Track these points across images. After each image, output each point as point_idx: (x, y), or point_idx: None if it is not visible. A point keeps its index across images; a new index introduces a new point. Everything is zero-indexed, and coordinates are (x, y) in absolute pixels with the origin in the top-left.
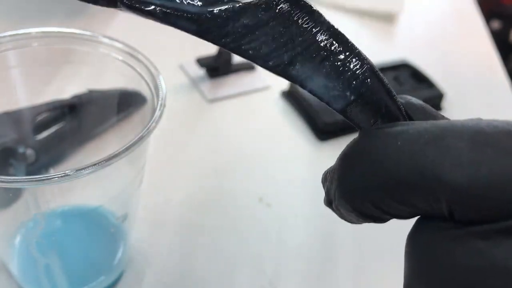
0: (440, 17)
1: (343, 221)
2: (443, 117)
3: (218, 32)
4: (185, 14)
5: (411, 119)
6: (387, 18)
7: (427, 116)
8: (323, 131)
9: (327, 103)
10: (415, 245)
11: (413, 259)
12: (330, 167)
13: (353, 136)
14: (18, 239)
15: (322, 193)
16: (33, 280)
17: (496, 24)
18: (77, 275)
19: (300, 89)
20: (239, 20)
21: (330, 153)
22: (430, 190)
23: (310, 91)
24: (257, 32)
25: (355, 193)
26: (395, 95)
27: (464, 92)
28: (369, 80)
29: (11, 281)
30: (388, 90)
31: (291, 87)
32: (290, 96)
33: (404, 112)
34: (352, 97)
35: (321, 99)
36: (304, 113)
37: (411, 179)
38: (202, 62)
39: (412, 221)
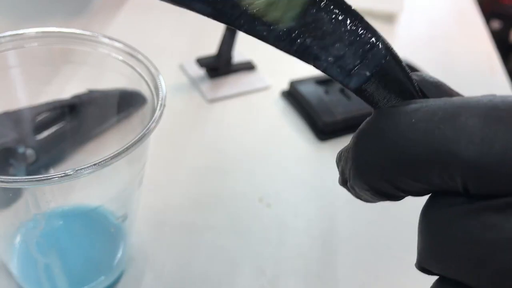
0: (440, 17)
1: (343, 221)
2: (458, 94)
3: (232, 13)
4: None
5: (425, 96)
6: (387, 18)
7: (441, 93)
8: (323, 131)
9: (341, 82)
10: (429, 221)
11: (426, 235)
12: (345, 147)
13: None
14: (18, 239)
15: (321, 193)
16: (33, 280)
17: (496, 24)
18: (77, 275)
19: (300, 89)
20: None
21: (330, 153)
22: (445, 167)
23: (325, 70)
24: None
25: (370, 171)
26: (409, 72)
27: (464, 92)
28: (385, 58)
29: (11, 281)
30: (403, 68)
31: (291, 87)
32: (290, 96)
33: (418, 90)
34: (368, 75)
35: (335, 78)
36: (304, 113)
37: (426, 156)
38: (202, 62)
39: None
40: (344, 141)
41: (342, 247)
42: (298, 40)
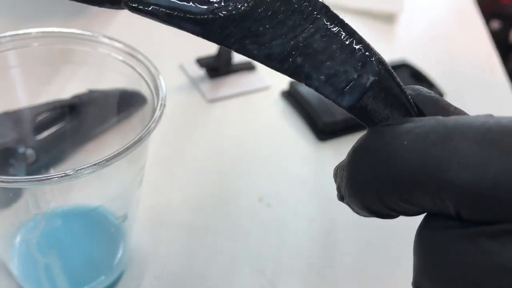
0: (440, 17)
1: (343, 221)
2: (455, 109)
3: (221, 33)
4: (187, 15)
5: (421, 112)
6: (387, 18)
7: (438, 108)
8: (323, 131)
9: (334, 101)
10: (423, 242)
11: (421, 256)
12: (340, 163)
13: (353, 136)
14: (18, 239)
15: (321, 193)
16: (33, 280)
17: (496, 24)
18: (77, 275)
19: (300, 89)
20: (241, 20)
21: (330, 153)
22: (436, 191)
23: (317, 89)
24: (260, 30)
25: (364, 190)
26: (404, 87)
27: (464, 92)
28: (378, 74)
29: (11, 281)
30: (397, 83)
31: (291, 87)
32: (290, 96)
33: (414, 106)
34: (361, 93)
35: (328, 96)
36: (304, 113)
37: (418, 179)
38: (202, 62)
39: (416, 219)
40: (344, 141)
41: (342, 247)
42: (290, 59)
